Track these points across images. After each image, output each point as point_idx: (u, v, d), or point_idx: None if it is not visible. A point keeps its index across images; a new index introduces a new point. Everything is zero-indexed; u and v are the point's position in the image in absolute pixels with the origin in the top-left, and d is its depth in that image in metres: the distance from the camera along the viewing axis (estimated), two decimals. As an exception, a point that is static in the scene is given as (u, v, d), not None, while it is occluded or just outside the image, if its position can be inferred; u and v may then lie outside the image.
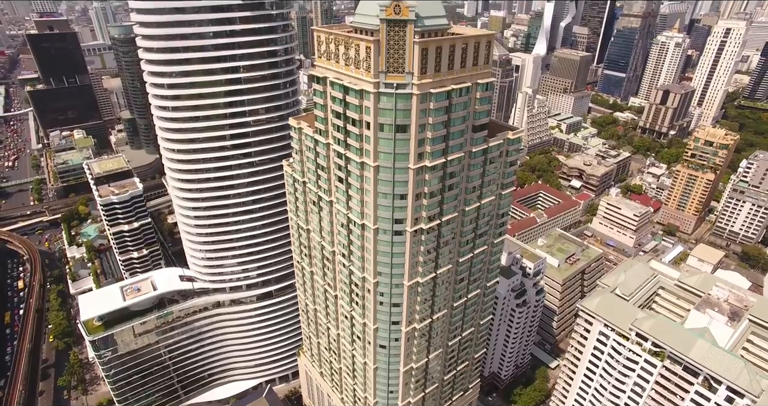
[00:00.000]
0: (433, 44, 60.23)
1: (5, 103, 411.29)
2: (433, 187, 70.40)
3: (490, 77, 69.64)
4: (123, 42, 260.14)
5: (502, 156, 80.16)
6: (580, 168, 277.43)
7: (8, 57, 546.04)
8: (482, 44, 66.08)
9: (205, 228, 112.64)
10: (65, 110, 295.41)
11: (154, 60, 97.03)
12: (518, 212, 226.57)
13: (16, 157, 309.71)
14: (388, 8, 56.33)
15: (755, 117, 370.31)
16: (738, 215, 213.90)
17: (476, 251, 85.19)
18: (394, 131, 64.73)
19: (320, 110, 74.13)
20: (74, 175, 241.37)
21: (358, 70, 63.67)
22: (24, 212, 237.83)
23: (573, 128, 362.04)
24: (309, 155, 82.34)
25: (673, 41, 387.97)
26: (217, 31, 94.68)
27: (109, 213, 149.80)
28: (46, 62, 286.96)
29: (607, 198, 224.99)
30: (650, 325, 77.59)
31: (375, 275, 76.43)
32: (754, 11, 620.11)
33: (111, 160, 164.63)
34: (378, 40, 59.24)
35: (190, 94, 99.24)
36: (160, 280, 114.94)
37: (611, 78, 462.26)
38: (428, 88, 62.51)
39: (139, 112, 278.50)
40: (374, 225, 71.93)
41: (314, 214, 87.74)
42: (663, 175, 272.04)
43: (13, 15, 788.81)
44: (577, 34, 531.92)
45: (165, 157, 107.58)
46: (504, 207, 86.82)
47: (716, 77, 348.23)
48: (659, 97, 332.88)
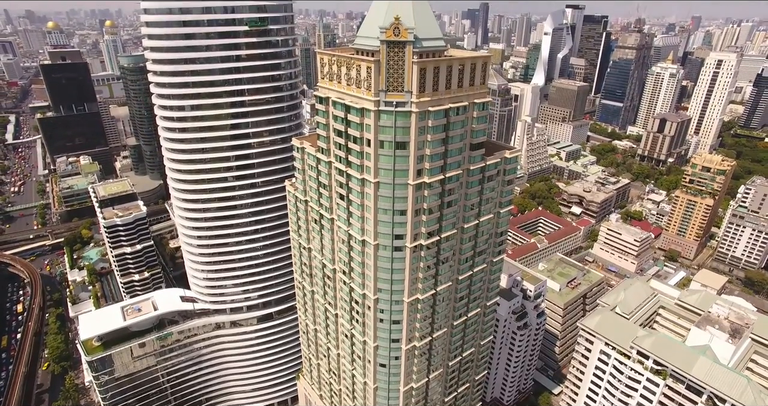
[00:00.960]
0: (431, 64, 63.01)
1: (15, 131, 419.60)
2: (432, 204, 71.88)
3: (486, 97, 72.14)
4: (132, 71, 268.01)
5: (500, 175, 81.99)
6: (580, 194, 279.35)
7: (20, 87, 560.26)
8: (478, 65, 68.94)
9: (208, 248, 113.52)
10: (73, 137, 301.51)
11: (163, 83, 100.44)
12: (519, 238, 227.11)
13: (22, 183, 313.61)
14: (388, 30, 59.34)
15: (752, 145, 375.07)
16: (739, 240, 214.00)
17: (476, 269, 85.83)
18: (393, 148, 66.81)
19: (322, 129, 76.54)
20: (78, 200, 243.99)
21: (359, 90, 66.31)
22: (27, 236, 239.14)
23: (572, 156, 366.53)
24: (311, 174, 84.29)
25: (668, 72, 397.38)
26: (225, 66, 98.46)
27: (112, 235, 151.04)
28: (57, 90, 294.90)
29: (607, 223, 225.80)
30: (651, 342, 77.25)
31: (375, 292, 76.94)
32: (744, 45, 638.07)
33: (116, 184, 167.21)
34: (378, 61, 62.08)
35: (196, 117, 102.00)
36: (161, 300, 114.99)
37: (609, 107, 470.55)
38: (426, 107, 64.93)
39: (144, 139, 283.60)
40: (374, 241, 73.01)
41: (315, 232, 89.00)
42: (663, 202, 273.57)
43: (28, 48, 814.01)
44: (574, 65, 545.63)
45: (170, 177, 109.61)
46: (502, 225, 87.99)
47: (711, 107, 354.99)
48: (656, 126, 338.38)
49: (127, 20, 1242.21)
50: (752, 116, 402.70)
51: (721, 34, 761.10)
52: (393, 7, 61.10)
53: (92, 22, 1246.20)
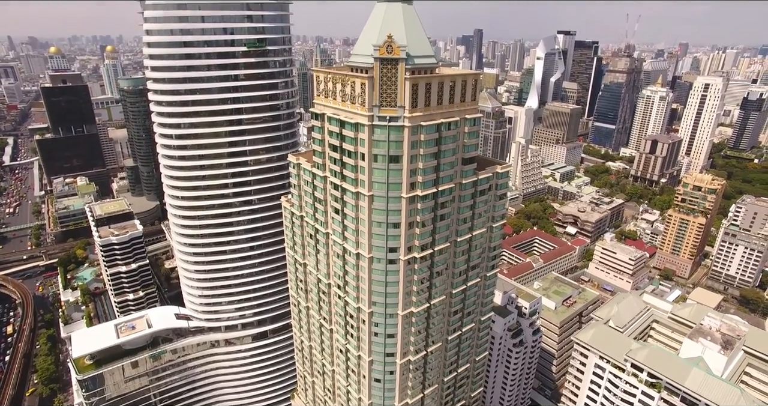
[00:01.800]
0: (423, 81, 65.35)
1: (12, 152, 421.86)
2: (425, 217, 73.09)
3: (477, 113, 74.35)
4: (131, 93, 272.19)
5: (492, 189, 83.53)
6: (574, 215, 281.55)
7: (20, 110, 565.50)
8: (469, 82, 71.37)
9: (204, 265, 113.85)
10: (71, 158, 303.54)
11: (163, 102, 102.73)
12: (514, 257, 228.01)
13: (18, 204, 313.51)
14: (382, 48, 61.79)
15: (742, 166, 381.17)
16: (732, 258, 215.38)
17: (469, 284, 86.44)
18: (387, 162, 68.42)
19: (318, 145, 78.38)
20: (74, 220, 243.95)
21: (354, 105, 68.39)
22: (20, 257, 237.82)
23: (566, 177, 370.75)
24: (307, 189, 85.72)
25: (658, 95, 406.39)
26: (224, 85, 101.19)
27: (107, 254, 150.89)
28: (57, 112, 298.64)
29: (602, 243, 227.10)
30: (645, 355, 77.50)
31: (370, 305, 77.34)
32: (730, 70, 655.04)
33: (113, 203, 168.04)
34: (372, 77, 64.36)
35: (194, 134, 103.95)
36: (155, 318, 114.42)
37: (602, 130, 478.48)
38: (419, 121, 66.90)
39: (142, 160, 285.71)
40: (369, 254, 73.89)
41: (311, 247, 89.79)
42: (657, 221, 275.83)
43: (29, 73, 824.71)
44: (567, 89, 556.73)
45: (168, 194, 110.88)
46: (495, 240, 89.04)
47: (701, 128, 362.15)
48: (648, 147, 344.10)
49: (127, 46, 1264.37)
50: (741, 138, 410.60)
51: (708, 59, 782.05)
52: (386, 26, 63.80)
53: (93, 48, 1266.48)
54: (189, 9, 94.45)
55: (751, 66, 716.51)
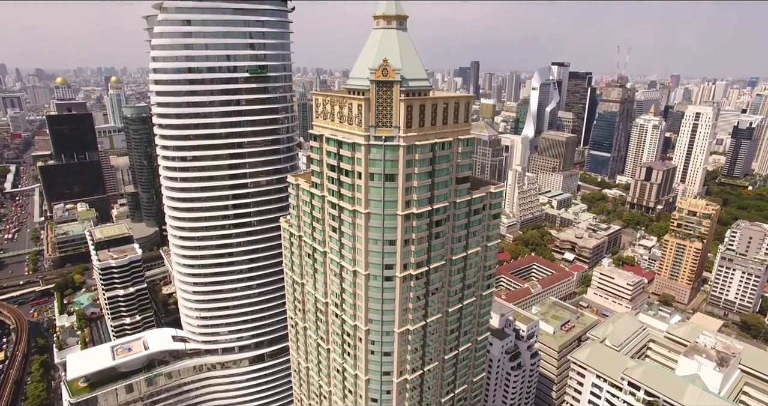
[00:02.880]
0: (417, 102, 68.43)
1: (14, 179, 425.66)
2: (420, 234, 74.77)
3: (469, 134, 77.26)
4: (134, 121, 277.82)
5: (486, 209, 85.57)
6: (572, 241, 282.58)
7: (23, 139, 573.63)
8: (461, 105, 74.60)
9: (202, 287, 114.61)
10: (72, 185, 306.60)
11: (167, 125, 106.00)
12: (512, 283, 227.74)
13: (17, 230, 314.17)
14: (377, 71, 65.10)
15: (737, 193, 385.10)
16: (731, 283, 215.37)
17: (465, 302, 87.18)
18: (383, 180, 70.73)
19: (316, 165, 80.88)
20: (73, 246, 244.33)
21: (351, 126, 71.23)
22: (17, 282, 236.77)
23: (564, 204, 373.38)
24: (305, 209, 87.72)
25: (651, 124, 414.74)
26: (226, 109, 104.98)
27: (105, 277, 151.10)
28: (61, 139, 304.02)
29: (599, 268, 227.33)
30: (641, 373, 77.57)
31: (366, 323, 77.99)
32: (721, 101, 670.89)
33: (113, 227, 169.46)
34: (368, 99, 67.43)
35: (197, 156, 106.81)
36: (152, 340, 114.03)
37: (597, 158, 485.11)
38: (413, 141, 69.60)
39: (143, 187, 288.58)
40: (365, 271, 75.18)
41: (309, 266, 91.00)
42: (654, 247, 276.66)
43: (34, 103, 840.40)
44: (562, 118, 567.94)
45: (169, 214, 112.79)
46: (491, 259, 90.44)
47: (694, 156, 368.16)
48: (643, 174, 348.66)
49: (131, 77, 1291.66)
50: (734, 166, 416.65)
51: (699, 90, 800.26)
52: (382, 50, 67.35)
53: (98, 79, 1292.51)
54: (194, 37, 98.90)
55: (740, 97, 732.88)
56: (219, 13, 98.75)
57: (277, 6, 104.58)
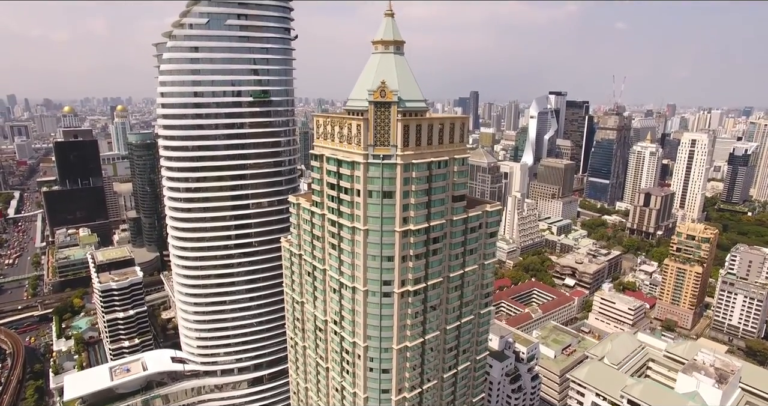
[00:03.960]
0: (414, 122, 71.41)
1: (17, 205, 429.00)
2: (417, 251, 76.36)
3: (465, 154, 79.91)
4: (139, 147, 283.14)
5: (483, 227, 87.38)
6: (572, 266, 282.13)
7: (29, 166, 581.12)
8: (457, 125, 77.62)
9: (202, 307, 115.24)
10: (75, 210, 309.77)
11: (173, 147, 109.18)
12: (513, 308, 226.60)
13: (18, 255, 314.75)
14: (376, 92, 68.31)
15: (736, 219, 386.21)
16: (733, 307, 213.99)
17: (463, 320, 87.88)
18: (381, 197, 72.95)
19: (317, 184, 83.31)
20: (73, 270, 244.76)
21: (350, 145, 74.00)
22: (15, 307, 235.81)
23: (563, 230, 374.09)
24: (306, 228, 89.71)
25: (648, 151, 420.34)
26: (229, 132, 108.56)
27: (106, 299, 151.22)
28: (66, 165, 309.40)
29: (600, 293, 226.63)
30: (640, 390, 77.34)
31: (365, 339, 78.58)
32: (717, 129, 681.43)
33: (115, 250, 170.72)
34: (367, 119, 70.42)
35: (200, 178, 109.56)
36: (151, 360, 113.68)
37: (596, 184, 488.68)
38: (410, 159, 72.16)
39: (145, 212, 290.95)
40: (364, 287, 76.41)
41: (308, 285, 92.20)
42: (655, 272, 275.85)
43: (41, 132, 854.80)
44: (561, 146, 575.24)
45: (171, 234, 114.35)
46: (488, 278, 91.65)
47: (692, 182, 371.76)
48: (642, 200, 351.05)
49: (136, 107, 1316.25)
50: (732, 192, 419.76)
51: (695, 119, 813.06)
52: (380, 73, 70.78)
53: (103, 109, 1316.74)
54: (201, 63, 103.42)
55: (736, 125, 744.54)
56: (225, 40, 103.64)
57: (280, 34, 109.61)
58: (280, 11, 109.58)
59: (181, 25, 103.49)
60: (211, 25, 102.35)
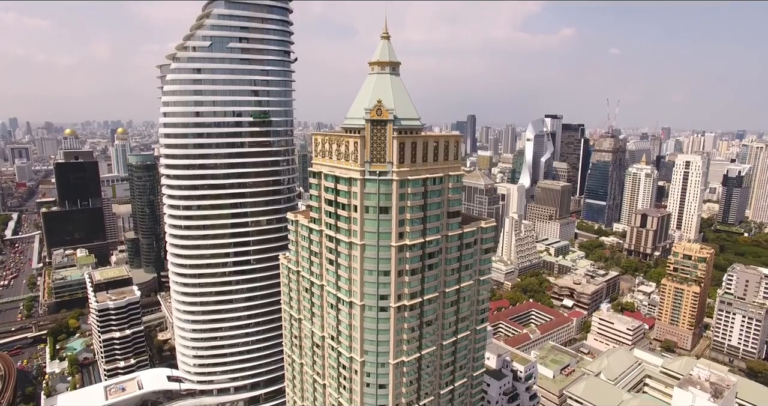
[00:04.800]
0: (409, 140, 73.70)
1: (15, 227, 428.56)
2: (413, 265, 77.60)
3: (460, 171, 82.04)
4: (139, 168, 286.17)
5: (477, 243, 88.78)
6: (570, 287, 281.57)
7: (28, 188, 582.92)
8: (451, 143, 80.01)
9: (200, 324, 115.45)
10: (73, 231, 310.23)
11: (174, 166, 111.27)
12: (511, 329, 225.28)
13: (14, 276, 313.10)
14: (372, 111, 70.82)
15: (733, 240, 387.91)
16: (732, 327, 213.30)
17: (459, 336, 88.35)
18: (377, 213, 74.67)
19: (315, 201, 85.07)
20: (70, 290, 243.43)
21: (348, 162, 76.09)
22: (9, 328, 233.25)
23: (561, 252, 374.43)
24: (304, 244, 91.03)
25: (643, 172, 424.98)
26: (230, 151, 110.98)
27: (102, 319, 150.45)
28: (66, 186, 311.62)
29: (598, 313, 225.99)
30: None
31: (362, 354, 78.95)
32: (711, 151, 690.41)
33: (113, 270, 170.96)
34: (364, 137, 72.73)
35: (202, 195, 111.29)
36: (147, 379, 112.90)
37: (593, 206, 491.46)
38: (406, 176, 74.18)
39: (144, 233, 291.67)
40: (361, 301, 77.34)
41: (306, 301, 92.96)
42: (653, 293, 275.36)
43: (41, 154, 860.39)
44: (557, 168, 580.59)
45: (171, 251, 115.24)
46: (483, 294, 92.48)
47: (688, 203, 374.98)
48: (639, 221, 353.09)
49: (136, 130, 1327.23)
50: (728, 213, 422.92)
51: (689, 142, 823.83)
52: (376, 92, 73.49)
53: (104, 132, 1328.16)
54: (203, 84, 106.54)
55: (730, 148, 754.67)
56: (227, 62, 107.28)
57: (280, 57, 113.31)
58: (281, 35, 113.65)
59: (185, 48, 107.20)
60: (213, 48, 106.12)
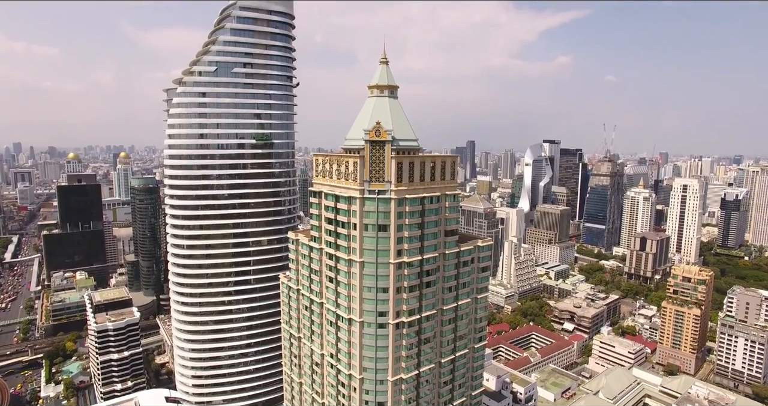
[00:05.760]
0: (407, 160, 76.27)
1: (15, 250, 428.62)
2: (411, 282, 79.01)
3: (456, 191, 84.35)
4: (141, 191, 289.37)
5: (475, 262, 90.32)
6: (570, 310, 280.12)
7: (29, 211, 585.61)
8: (447, 164, 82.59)
9: (200, 343, 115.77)
10: (73, 254, 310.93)
11: (178, 186, 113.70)
12: (511, 352, 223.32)
13: (12, 299, 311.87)
14: (371, 132, 73.60)
15: (733, 263, 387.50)
16: (735, 351, 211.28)
17: (458, 354, 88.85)
18: (376, 230, 76.62)
19: (315, 220, 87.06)
20: (68, 313, 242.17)
21: (347, 182, 78.46)
22: (4, 352, 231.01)
23: (561, 275, 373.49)
24: (304, 263, 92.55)
25: (641, 196, 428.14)
26: (232, 172, 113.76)
27: (101, 340, 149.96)
28: (68, 209, 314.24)
29: (599, 336, 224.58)
30: (634, 425, 77.23)
31: (361, 371, 79.41)
32: (708, 176, 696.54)
33: (113, 291, 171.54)
34: (363, 157, 75.30)
35: (204, 215, 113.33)
36: (145, 400, 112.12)
37: (592, 230, 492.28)
38: (404, 194, 76.42)
39: (144, 256, 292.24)
40: (360, 318, 78.37)
41: (306, 319, 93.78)
42: (654, 316, 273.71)
43: (43, 178, 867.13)
44: (556, 192, 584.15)
45: (172, 271, 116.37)
46: (481, 312, 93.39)
47: (686, 227, 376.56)
48: (638, 244, 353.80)
49: (138, 155, 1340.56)
50: (727, 236, 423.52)
51: (687, 166, 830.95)
52: (375, 114, 76.50)
53: (106, 157, 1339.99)
54: (208, 107, 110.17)
55: (727, 172, 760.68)
56: (231, 86, 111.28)
57: (283, 81, 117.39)
58: (284, 61, 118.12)
59: (191, 73, 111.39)
60: (218, 73, 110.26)
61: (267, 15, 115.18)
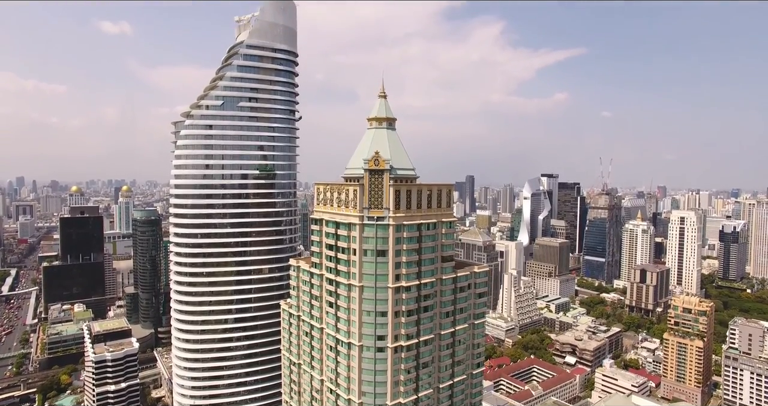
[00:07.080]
0: (404, 188, 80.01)
1: (12, 283, 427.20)
2: (409, 307, 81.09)
3: (452, 217, 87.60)
4: (143, 223, 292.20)
5: (471, 288, 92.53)
6: (572, 343, 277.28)
7: (29, 244, 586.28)
8: (444, 192, 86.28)
9: (199, 371, 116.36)
10: (72, 286, 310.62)
11: (182, 214, 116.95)
12: (512, 386, 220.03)
13: (7, 333, 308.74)
14: (370, 161, 77.61)
15: (736, 296, 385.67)
16: (742, 385, 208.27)
17: (456, 380, 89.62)
18: (375, 256, 79.46)
19: (316, 246, 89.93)
20: (64, 346, 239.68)
21: (347, 209, 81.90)
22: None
23: (562, 308, 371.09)
24: (305, 289, 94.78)
25: (640, 228, 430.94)
26: (235, 201, 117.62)
27: (98, 371, 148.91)
28: (70, 240, 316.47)
29: (601, 369, 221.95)
30: (633, 451, 77.05)
31: (360, 395, 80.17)
32: (707, 209, 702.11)
33: (112, 321, 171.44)
34: (362, 185, 79.03)
35: (206, 243, 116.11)
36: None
37: (592, 263, 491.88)
38: (401, 221, 79.67)
39: (143, 288, 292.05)
40: (359, 342, 79.95)
41: (306, 345, 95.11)
42: (657, 349, 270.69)
43: (45, 211, 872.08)
44: (555, 226, 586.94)
45: (174, 298, 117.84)
46: (479, 337, 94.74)
47: (686, 259, 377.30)
48: (638, 276, 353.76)
49: (139, 189, 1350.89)
50: (728, 269, 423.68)
51: (685, 200, 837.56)
52: (374, 145, 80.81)
53: (107, 191, 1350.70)
54: (214, 139, 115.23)
55: (725, 206, 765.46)
56: (236, 119, 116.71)
57: (286, 115, 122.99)
58: (287, 95, 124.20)
59: (199, 106, 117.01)
60: (225, 107, 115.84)
61: (272, 53, 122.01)
